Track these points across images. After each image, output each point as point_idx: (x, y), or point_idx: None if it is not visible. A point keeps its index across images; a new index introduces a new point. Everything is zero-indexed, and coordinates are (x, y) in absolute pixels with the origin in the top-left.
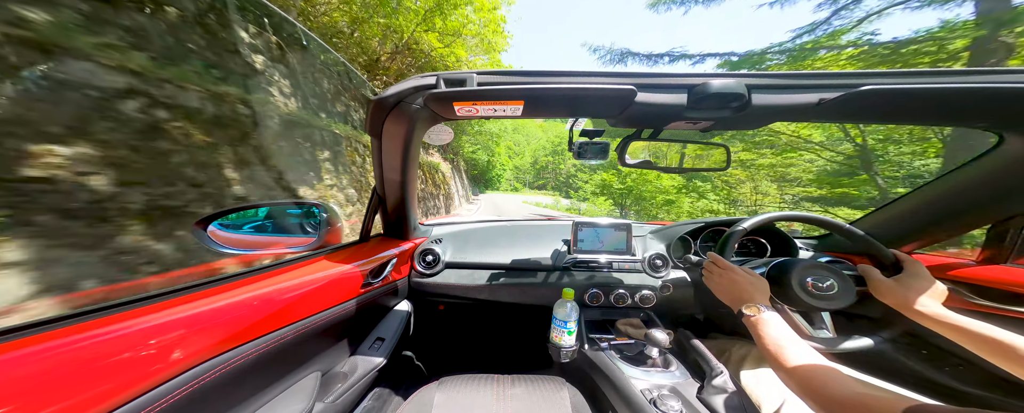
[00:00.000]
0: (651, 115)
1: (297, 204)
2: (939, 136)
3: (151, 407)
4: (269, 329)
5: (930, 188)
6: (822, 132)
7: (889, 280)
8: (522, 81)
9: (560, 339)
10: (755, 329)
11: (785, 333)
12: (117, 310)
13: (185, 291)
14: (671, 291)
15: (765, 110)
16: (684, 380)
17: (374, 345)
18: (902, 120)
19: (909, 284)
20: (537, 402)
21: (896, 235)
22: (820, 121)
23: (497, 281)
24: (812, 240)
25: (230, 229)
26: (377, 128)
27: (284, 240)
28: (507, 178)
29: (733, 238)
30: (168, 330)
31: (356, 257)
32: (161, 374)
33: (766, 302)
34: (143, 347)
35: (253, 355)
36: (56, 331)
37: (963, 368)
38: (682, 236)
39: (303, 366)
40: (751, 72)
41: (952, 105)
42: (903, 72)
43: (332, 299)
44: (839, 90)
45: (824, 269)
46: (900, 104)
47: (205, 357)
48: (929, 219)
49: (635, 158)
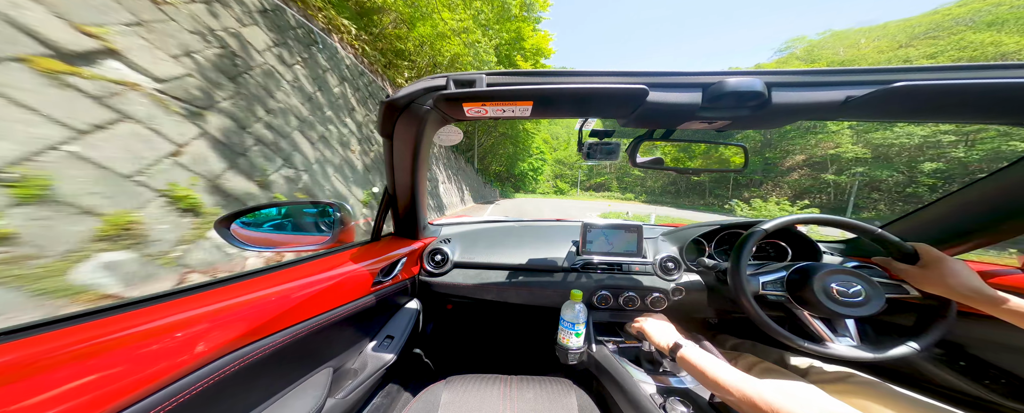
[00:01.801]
0: (664, 115)
1: (313, 203)
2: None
3: (178, 396)
4: (285, 325)
5: (970, 190)
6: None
7: (919, 269)
8: (531, 81)
9: (567, 341)
10: (692, 361)
11: (702, 361)
12: (148, 304)
13: (208, 287)
14: (684, 295)
15: (786, 108)
16: (694, 385)
17: (384, 343)
18: (937, 118)
19: (944, 268)
20: (544, 404)
21: (933, 239)
22: (845, 119)
23: (505, 281)
24: (840, 245)
25: (251, 227)
26: (388, 129)
27: (300, 238)
28: (546, 175)
29: (751, 241)
30: (193, 324)
31: (367, 256)
32: (186, 365)
33: (672, 341)
34: (170, 339)
35: (269, 350)
36: (97, 322)
37: (1006, 382)
38: (696, 238)
39: (316, 362)
40: (771, 70)
41: (997, 102)
42: (939, 67)
43: (344, 297)
44: (869, 87)
45: (850, 274)
46: (937, 101)
47: (226, 350)
48: (970, 223)
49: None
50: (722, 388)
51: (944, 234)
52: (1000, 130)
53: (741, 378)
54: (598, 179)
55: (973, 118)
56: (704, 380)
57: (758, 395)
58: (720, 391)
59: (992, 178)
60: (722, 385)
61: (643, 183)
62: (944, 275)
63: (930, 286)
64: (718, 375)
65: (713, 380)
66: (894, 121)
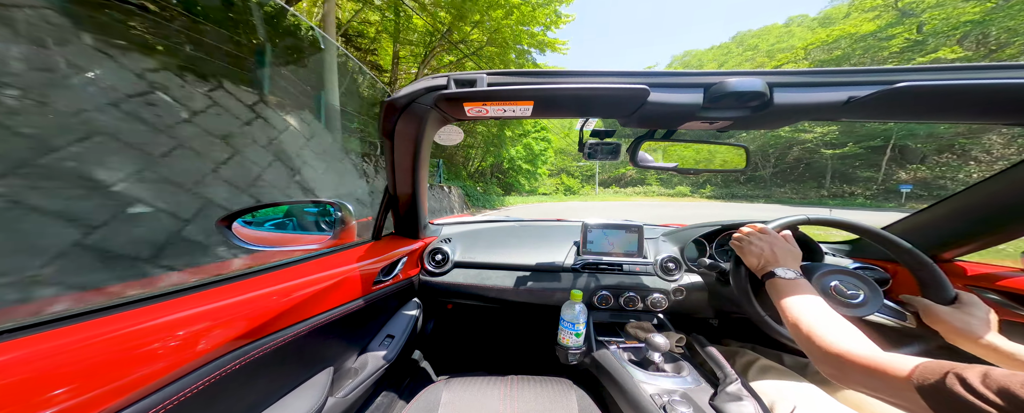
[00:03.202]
0: (665, 115)
1: (314, 202)
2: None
3: (180, 394)
4: (285, 324)
5: (981, 189)
6: None
7: (945, 307)
8: (532, 81)
9: (567, 341)
10: (783, 291)
11: (814, 298)
12: (150, 302)
13: (209, 286)
14: (684, 296)
15: (788, 109)
16: (696, 386)
17: (384, 342)
18: (939, 118)
19: (970, 313)
20: (544, 404)
21: (941, 240)
22: (848, 120)
23: (505, 281)
24: (843, 245)
25: (253, 226)
26: (389, 129)
27: (302, 237)
28: (550, 166)
29: None
30: (194, 322)
31: (368, 255)
32: (188, 363)
33: (798, 270)
34: (172, 338)
35: (270, 348)
36: (99, 320)
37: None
38: (697, 239)
39: (316, 361)
40: (772, 70)
41: (1001, 102)
42: (942, 67)
43: (345, 296)
44: (871, 87)
45: (851, 275)
46: (940, 102)
47: (227, 349)
48: (981, 223)
49: (648, 159)
50: (833, 353)
51: (950, 234)
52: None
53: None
54: (622, 170)
55: (976, 118)
56: (800, 325)
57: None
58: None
59: (999, 177)
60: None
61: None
62: (972, 325)
63: (943, 325)
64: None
65: (820, 336)
66: (896, 121)
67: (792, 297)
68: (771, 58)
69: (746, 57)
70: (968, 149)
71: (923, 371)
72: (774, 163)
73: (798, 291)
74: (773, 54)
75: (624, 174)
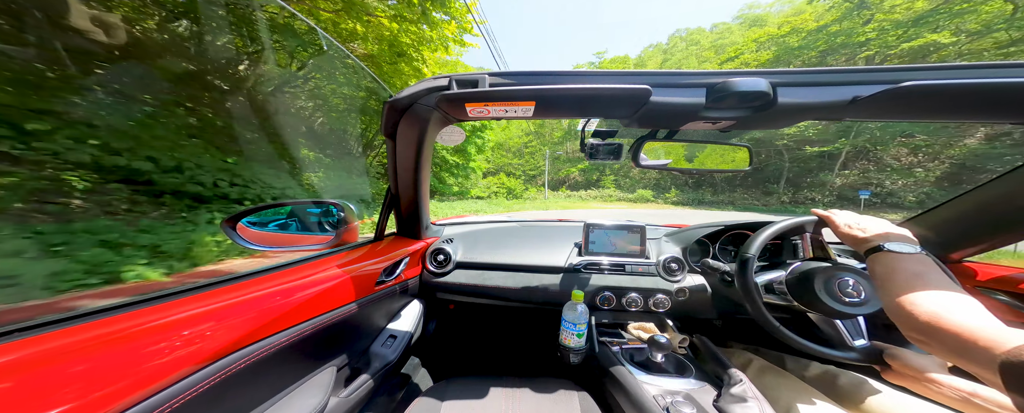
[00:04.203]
0: (667, 115)
1: (317, 203)
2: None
3: (184, 394)
4: (289, 324)
5: (988, 189)
6: None
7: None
8: (534, 81)
9: (569, 341)
10: (896, 264)
11: (934, 268)
12: (154, 302)
13: (213, 286)
14: (687, 297)
15: (792, 108)
16: (699, 387)
17: (386, 342)
18: (945, 117)
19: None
20: (546, 406)
21: (948, 241)
22: (852, 119)
23: (507, 282)
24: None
25: (257, 226)
26: (391, 129)
27: (305, 238)
28: (478, 173)
29: (759, 242)
30: (198, 322)
31: (370, 255)
32: (192, 363)
33: (916, 243)
34: (176, 337)
35: (274, 348)
36: (103, 320)
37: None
38: (700, 239)
39: (319, 361)
40: (776, 70)
41: (1009, 101)
42: (948, 66)
43: (348, 296)
44: (876, 86)
45: (855, 273)
46: (946, 101)
47: (231, 349)
48: (988, 224)
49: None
50: (952, 333)
51: (957, 236)
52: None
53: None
54: (573, 169)
55: (983, 117)
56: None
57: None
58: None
59: (1007, 178)
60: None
61: (645, 173)
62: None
63: (903, 378)
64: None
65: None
66: (901, 121)
67: (904, 270)
68: (717, 52)
69: (690, 52)
70: (880, 156)
71: (1020, 350)
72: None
73: (911, 265)
74: (720, 48)
75: (569, 175)
